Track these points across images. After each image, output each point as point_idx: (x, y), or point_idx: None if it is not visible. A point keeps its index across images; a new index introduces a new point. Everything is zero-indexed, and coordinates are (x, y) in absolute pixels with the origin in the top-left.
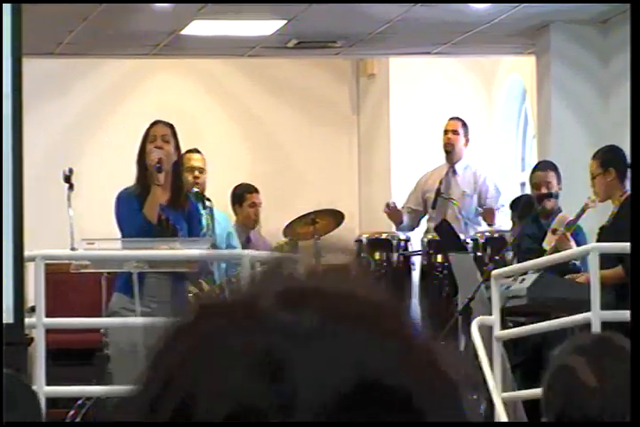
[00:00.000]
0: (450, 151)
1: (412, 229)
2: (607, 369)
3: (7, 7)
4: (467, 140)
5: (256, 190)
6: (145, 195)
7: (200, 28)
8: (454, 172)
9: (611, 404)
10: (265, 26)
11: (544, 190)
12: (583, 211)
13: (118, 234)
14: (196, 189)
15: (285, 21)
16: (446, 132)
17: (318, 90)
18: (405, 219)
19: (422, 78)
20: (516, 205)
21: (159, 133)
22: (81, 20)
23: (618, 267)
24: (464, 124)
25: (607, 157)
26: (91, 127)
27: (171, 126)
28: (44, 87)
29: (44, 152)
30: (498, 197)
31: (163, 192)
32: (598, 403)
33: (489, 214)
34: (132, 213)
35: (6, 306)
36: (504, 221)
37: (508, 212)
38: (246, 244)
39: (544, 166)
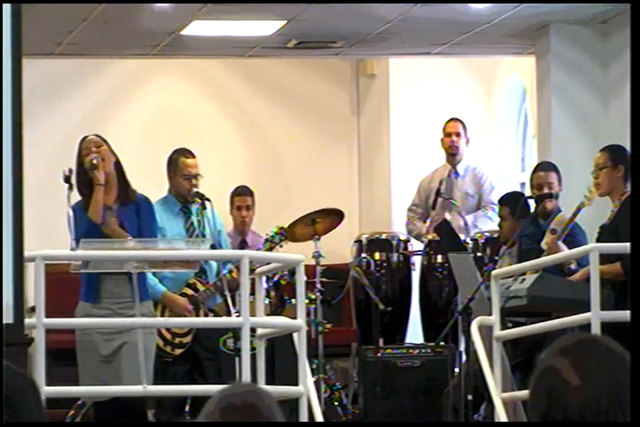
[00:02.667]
0: (455, 154)
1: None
2: (590, 368)
3: (7, 7)
4: (467, 141)
5: (244, 193)
6: (89, 202)
7: (200, 28)
8: (456, 173)
9: (592, 402)
10: (265, 26)
11: (546, 190)
12: (579, 210)
13: None
14: (195, 190)
15: (285, 21)
16: (449, 135)
17: (318, 91)
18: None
19: (422, 78)
20: (507, 200)
21: (91, 144)
22: (81, 20)
23: (616, 263)
24: (464, 125)
25: (618, 154)
26: (91, 129)
27: (97, 135)
28: (46, 90)
29: (45, 153)
30: (490, 192)
31: (109, 194)
32: (580, 401)
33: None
34: (79, 219)
35: (6, 306)
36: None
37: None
38: (243, 247)
39: (545, 167)
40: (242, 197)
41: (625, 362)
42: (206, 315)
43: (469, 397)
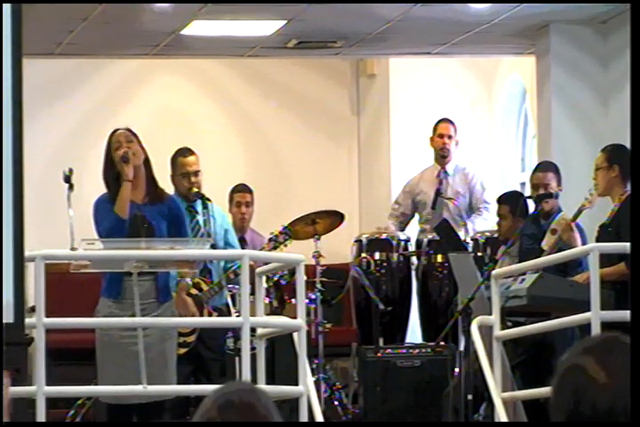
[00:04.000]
0: (446, 156)
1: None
2: (616, 366)
3: (7, 7)
4: (457, 142)
5: (243, 190)
6: (116, 197)
7: (200, 28)
8: (446, 173)
9: (621, 398)
10: (265, 26)
11: (542, 191)
12: (580, 212)
13: None
14: (196, 189)
15: (285, 21)
16: (442, 136)
17: (318, 91)
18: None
19: (422, 78)
20: (506, 199)
21: (122, 138)
22: (81, 20)
23: (620, 264)
24: (455, 127)
25: (614, 154)
26: (92, 129)
27: (128, 129)
28: (46, 90)
29: (46, 153)
30: (482, 193)
31: (137, 190)
32: (608, 398)
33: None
34: (105, 213)
35: (6, 306)
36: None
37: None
38: (242, 245)
39: (544, 167)
40: (241, 193)
41: None
42: (210, 315)
43: (469, 397)
